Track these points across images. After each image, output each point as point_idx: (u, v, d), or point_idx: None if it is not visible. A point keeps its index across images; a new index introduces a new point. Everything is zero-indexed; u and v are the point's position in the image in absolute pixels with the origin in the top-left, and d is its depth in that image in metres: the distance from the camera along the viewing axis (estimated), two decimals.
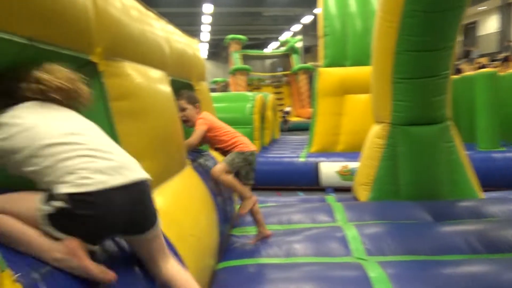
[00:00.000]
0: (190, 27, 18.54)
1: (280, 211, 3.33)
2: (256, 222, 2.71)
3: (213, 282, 2.07)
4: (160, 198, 1.66)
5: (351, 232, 2.64)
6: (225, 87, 17.30)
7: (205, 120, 2.63)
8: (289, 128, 13.24)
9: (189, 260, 1.55)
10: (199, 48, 3.17)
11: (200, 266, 1.74)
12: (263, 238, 2.64)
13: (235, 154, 2.59)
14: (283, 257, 2.42)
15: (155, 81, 1.87)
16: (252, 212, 2.70)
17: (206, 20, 18.86)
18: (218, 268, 2.24)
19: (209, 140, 2.69)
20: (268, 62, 23.78)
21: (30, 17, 1.08)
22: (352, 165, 5.08)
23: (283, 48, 17.36)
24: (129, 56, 1.66)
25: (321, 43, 6.46)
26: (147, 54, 1.85)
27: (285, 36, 20.95)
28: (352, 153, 5.32)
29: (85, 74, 1.42)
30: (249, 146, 2.68)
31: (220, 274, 2.17)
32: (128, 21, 1.66)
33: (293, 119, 14.97)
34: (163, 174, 1.79)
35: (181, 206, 1.81)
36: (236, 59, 15.29)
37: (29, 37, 1.09)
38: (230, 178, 2.55)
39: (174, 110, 2.08)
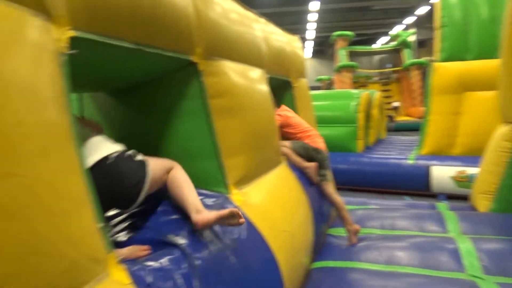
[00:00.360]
0: (296, 25, 18.63)
1: (383, 214, 3.13)
2: (341, 218, 2.70)
3: (307, 281, 2.03)
4: (255, 193, 1.69)
5: (466, 246, 2.33)
6: (329, 85, 17.00)
7: (280, 116, 2.74)
8: (395, 128, 12.36)
9: (281, 255, 1.55)
10: (300, 45, 3.15)
11: (292, 262, 1.73)
12: (355, 234, 2.60)
13: (300, 141, 2.73)
14: (383, 264, 2.26)
15: (252, 79, 1.91)
16: (336, 207, 2.73)
17: (312, 18, 18.75)
18: (312, 267, 2.19)
19: (284, 135, 2.76)
20: (376, 58, 22.60)
21: (136, 23, 1.18)
22: (471, 170, 4.52)
23: (393, 43, 16.30)
24: (227, 55, 1.72)
25: (437, 35, 5.87)
26: (244, 53, 1.90)
27: (397, 30, 19.62)
28: (471, 157, 4.75)
29: (186, 73, 1.53)
30: (316, 143, 2.77)
31: (315, 273, 2.13)
32: (226, 22, 1.72)
33: (402, 118, 13.96)
34: (258, 170, 1.82)
35: (275, 202, 1.82)
36: (342, 56, 14.87)
37: (136, 42, 1.19)
38: (286, 149, 2.61)
39: (271, 107, 2.10)
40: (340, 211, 2.71)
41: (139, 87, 1.64)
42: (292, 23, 17.72)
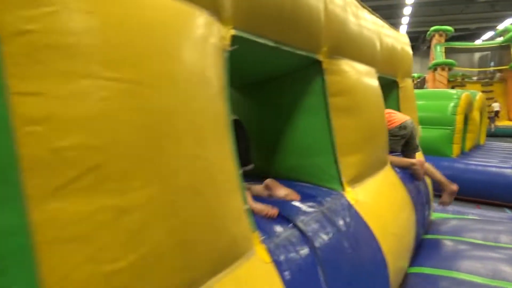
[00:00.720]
0: (388, 20, 17.71)
1: (484, 227, 2.92)
2: (437, 181, 2.64)
3: (404, 285, 2.01)
4: (366, 192, 1.72)
5: None
6: (421, 83, 15.98)
7: None
8: (494, 133, 11.24)
9: (390, 258, 1.57)
10: (408, 42, 3.05)
11: (397, 265, 1.73)
12: (451, 194, 2.58)
13: None
14: (485, 277, 2.13)
15: (367, 78, 1.91)
16: (428, 173, 2.68)
17: (406, 11, 17.70)
18: (409, 272, 2.16)
19: None
20: (476, 55, 20.64)
21: (279, 23, 1.27)
22: None
23: (500, 39, 14.72)
24: (347, 53, 1.75)
25: None
26: (362, 51, 1.91)
27: (506, 23, 17.62)
28: None
29: (310, 71, 1.60)
30: (394, 122, 2.59)
31: (412, 278, 2.09)
32: (348, 20, 1.74)
33: (504, 123, 12.63)
34: (370, 169, 1.84)
35: (384, 203, 1.82)
36: (438, 53, 13.85)
37: (276, 40, 1.29)
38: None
39: (382, 107, 2.09)
40: (433, 175, 2.67)
41: (264, 83, 1.76)
42: (383, 17, 16.91)
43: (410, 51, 3.03)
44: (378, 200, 1.78)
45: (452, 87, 12.93)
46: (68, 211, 0.58)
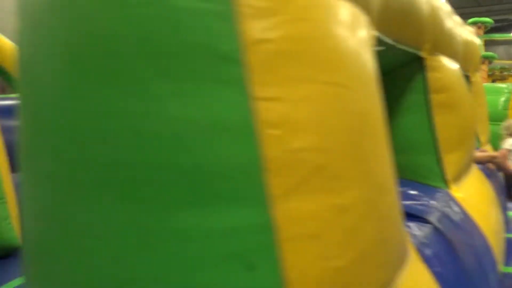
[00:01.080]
0: None
1: None
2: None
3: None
4: (468, 190, 1.69)
5: None
6: None
7: None
8: None
9: (499, 258, 1.54)
10: (474, 35, 2.97)
11: (501, 266, 1.69)
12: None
13: None
14: None
15: (460, 74, 1.89)
16: None
17: None
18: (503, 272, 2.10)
19: None
20: None
21: (397, 22, 1.27)
22: None
23: None
24: (443, 50, 1.73)
25: None
26: (453, 47, 1.88)
27: None
28: None
29: (412, 68, 1.59)
30: None
31: (506, 280, 2.03)
32: (442, 14, 1.72)
33: None
34: (466, 167, 1.81)
35: (483, 201, 1.80)
36: None
37: (394, 39, 1.30)
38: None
39: (473, 104, 2.05)
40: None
41: None
42: None
43: (478, 42, 2.94)
44: (478, 198, 1.75)
45: (493, 81, 12.48)
46: (302, 209, 0.60)
